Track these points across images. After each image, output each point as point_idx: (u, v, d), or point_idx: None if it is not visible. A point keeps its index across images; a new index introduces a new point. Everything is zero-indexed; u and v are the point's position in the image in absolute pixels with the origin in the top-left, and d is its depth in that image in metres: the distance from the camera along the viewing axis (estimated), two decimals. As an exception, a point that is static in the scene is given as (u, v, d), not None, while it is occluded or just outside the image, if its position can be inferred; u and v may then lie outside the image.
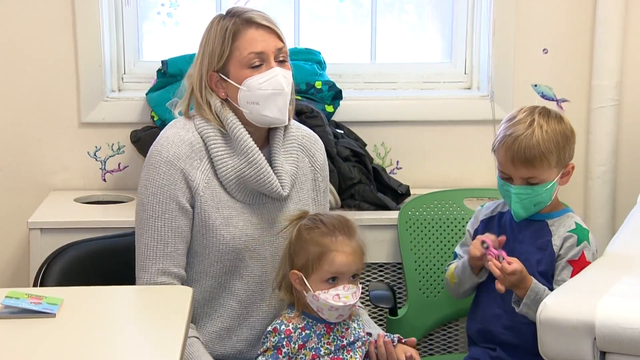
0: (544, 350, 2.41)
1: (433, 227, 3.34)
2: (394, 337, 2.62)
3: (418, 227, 3.34)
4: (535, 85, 3.68)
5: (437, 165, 3.72)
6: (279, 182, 2.61)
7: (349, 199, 3.42)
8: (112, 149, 3.65)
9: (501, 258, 2.65)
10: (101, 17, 3.55)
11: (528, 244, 2.79)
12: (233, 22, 2.57)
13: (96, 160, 3.65)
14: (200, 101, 2.61)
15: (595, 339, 2.31)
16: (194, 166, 2.58)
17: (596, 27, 3.61)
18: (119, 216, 3.31)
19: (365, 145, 3.59)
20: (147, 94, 3.54)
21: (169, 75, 3.47)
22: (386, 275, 3.42)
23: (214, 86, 2.61)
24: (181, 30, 3.72)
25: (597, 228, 3.62)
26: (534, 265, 2.74)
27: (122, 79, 3.70)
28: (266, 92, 2.56)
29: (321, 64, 3.61)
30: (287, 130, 2.69)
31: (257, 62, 2.57)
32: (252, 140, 2.59)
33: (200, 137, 2.60)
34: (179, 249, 2.58)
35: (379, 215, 3.38)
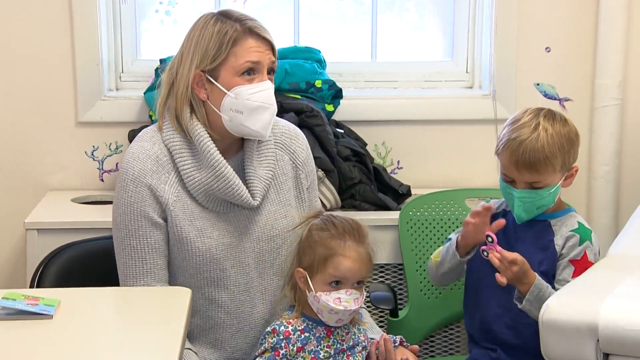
0: (546, 352, 2.40)
1: (434, 228, 3.33)
2: (397, 338, 2.61)
3: (419, 228, 3.33)
4: (538, 84, 3.68)
5: (439, 165, 3.72)
6: (250, 192, 2.59)
7: (349, 199, 3.42)
8: (110, 149, 3.64)
9: (490, 239, 2.63)
10: (99, 15, 3.54)
11: (530, 244, 2.78)
12: (234, 28, 2.55)
13: (94, 160, 3.64)
14: (176, 103, 2.56)
15: (598, 340, 2.31)
16: (162, 180, 2.56)
17: (599, 25, 3.61)
18: None
19: (366, 144, 3.58)
20: (145, 93, 3.55)
21: None
22: (387, 276, 3.42)
23: (196, 85, 2.57)
24: (179, 28, 3.70)
25: (601, 228, 3.62)
26: (536, 264, 2.73)
27: (120, 77, 3.69)
28: (254, 104, 2.54)
29: (321, 62, 3.60)
30: None
31: (250, 73, 2.54)
32: (219, 153, 2.55)
33: (167, 149, 2.57)
34: (158, 264, 2.57)
35: (379, 216, 3.37)
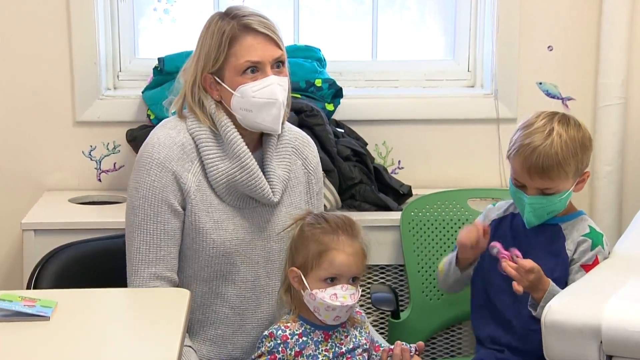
0: (549, 353, 2.38)
1: (436, 229, 3.32)
2: (412, 346, 2.56)
3: (421, 229, 3.32)
4: (540, 83, 3.68)
5: (440, 165, 3.71)
6: (270, 188, 2.60)
7: (349, 200, 3.41)
8: (108, 149, 3.63)
9: (514, 257, 2.62)
10: (96, 13, 3.54)
11: (542, 250, 2.76)
12: (231, 26, 2.54)
13: (91, 159, 3.64)
14: (191, 102, 2.59)
15: (601, 342, 2.29)
16: (186, 168, 2.56)
17: (602, 23, 3.60)
18: (115, 217, 3.28)
19: (366, 144, 3.58)
20: (143, 92, 3.54)
21: (166, 72, 3.45)
22: (388, 278, 3.40)
23: (208, 87, 2.58)
24: (178, 26, 3.71)
25: (604, 229, 3.52)
26: (549, 271, 2.70)
27: (118, 76, 3.68)
28: (260, 101, 2.54)
29: (321, 61, 3.60)
30: (280, 134, 2.66)
31: (253, 70, 2.54)
32: (245, 145, 2.57)
33: (192, 138, 2.58)
34: (172, 253, 2.56)
35: (380, 216, 3.37)
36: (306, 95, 3.48)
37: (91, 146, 3.62)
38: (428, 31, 3.80)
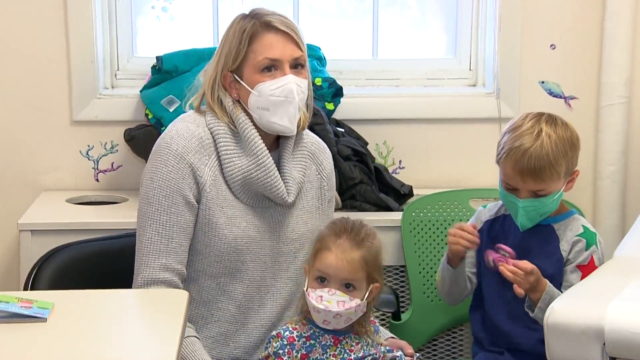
0: (551, 355, 2.37)
1: (438, 229, 3.32)
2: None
3: (422, 229, 3.32)
4: (543, 82, 3.67)
5: (441, 164, 3.71)
6: (285, 188, 2.62)
7: (350, 200, 3.41)
8: (105, 148, 3.63)
9: (505, 253, 2.66)
10: (94, 11, 3.54)
11: (536, 251, 2.76)
12: (252, 24, 2.58)
13: (89, 159, 3.63)
14: (210, 100, 2.62)
15: (604, 344, 2.28)
16: (203, 162, 2.58)
17: (605, 22, 3.60)
18: (112, 217, 3.31)
19: (367, 144, 3.57)
20: (141, 91, 3.53)
21: (164, 71, 3.45)
22: (389, 279, 3.40)
23: (228, 86, 2.63)
24: (176, 25, 3.71)
25: (607, 229, 3.62)
26: (543, 272, 2.69)
27: (116, 75, 3.68)
28: (277, 99, 2.57)
29: (321, 60, 3.59)
30: (299, 137, 2.69)
31: (271, 69, 2.57)
32: (263, 143, 2.59)
33: (210, 133, 2.61)
34: (183, 245, 2.58)
35: (381, 217, 3.35)
36: (306, 94, 3.47)
37: (89, 146, 3.61)
38: (429, 29, 3.80)
